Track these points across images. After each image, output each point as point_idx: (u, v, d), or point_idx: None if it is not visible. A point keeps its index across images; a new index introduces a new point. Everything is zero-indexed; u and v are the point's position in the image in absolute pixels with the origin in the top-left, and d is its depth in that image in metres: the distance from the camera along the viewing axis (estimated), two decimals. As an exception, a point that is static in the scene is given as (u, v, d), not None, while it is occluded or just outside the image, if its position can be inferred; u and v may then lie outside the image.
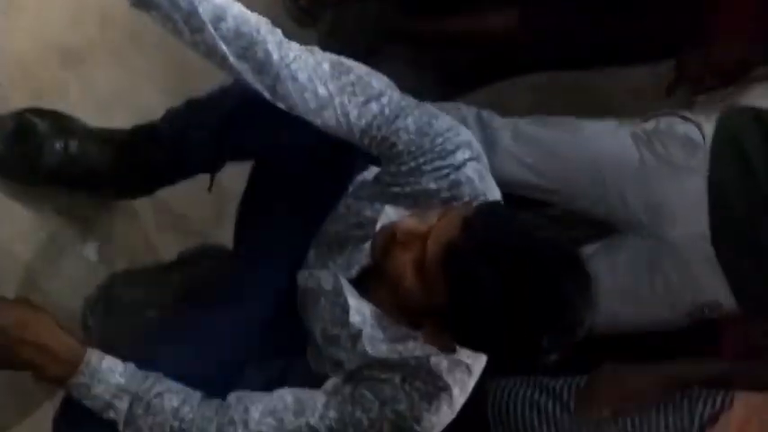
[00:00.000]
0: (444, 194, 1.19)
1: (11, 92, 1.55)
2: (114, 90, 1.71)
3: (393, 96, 1.21)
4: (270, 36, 1.18)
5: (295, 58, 1.19)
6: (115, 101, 1.70)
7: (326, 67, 1.20)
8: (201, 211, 1.75)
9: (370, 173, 1.34)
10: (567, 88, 2.30)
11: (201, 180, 1.52)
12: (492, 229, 1.07)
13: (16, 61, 1.57)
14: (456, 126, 1.21)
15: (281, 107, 1.21)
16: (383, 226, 1.19)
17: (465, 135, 1.21)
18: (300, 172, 1.32)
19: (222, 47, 1.16)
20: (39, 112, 1.52)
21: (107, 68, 1.71)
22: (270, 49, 1.17)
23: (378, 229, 1.20)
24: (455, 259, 1.06)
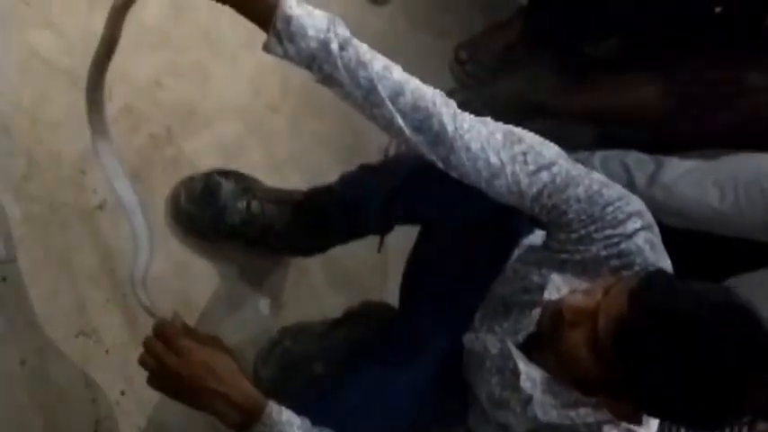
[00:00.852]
0: (614, 263, 1.19)
1: (199, 154, 1.67)
2: (290, 152, 1.81)
3: (564, 165, 1.22)
4: (445, 108, 1.20)
5: (469, 128, 1.21)
6: (291, 162, 1.80)
7: (499, 136, 1.22)
8: (368, 269, 1.81)
9: (536, 237, 1.37)
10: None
11: (370, 240, 1.59)
12: (659, 299, 1.07)
13: (204, 124, 1.70)
14: (627, 195, 1.21)
15: (453, 176, 1.24)
16: (548, 301, 1.21)
17: (636, 204, 1.21)
18: (468, 236, 1.36)
19: (399, 121, 1.19)
20: (224, 173, 1.63)
21: (285, 132, 1.82)
22: (445, 121, 1.19)
23: (544, 304, 1.22)
24: (627, 336, 1.06)
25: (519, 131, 1.24)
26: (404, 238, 1.53)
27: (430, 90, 1.21)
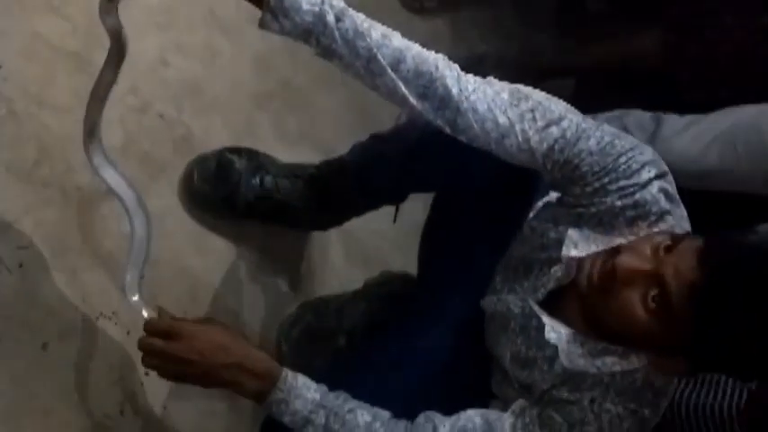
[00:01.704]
0: (630, 213, 1.18)
1: (210, 132, 1.66)
2: (302, 127, 1.81)
3: (573, 119, 1.21)
4: (448, 71, 1.20)
5: (474, 90, 1.20)
6: (303, 138, 1.80)
7: (505, 96, 1.21)
8: (385, 241, 1.81)
9: (551, 196, 1.35)
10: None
11: (386, 211, 1.58)
12: (733, 260, 1.07)
13: (212, 103, 1.69)
14: (639, 145, 1.20)
15: (462, 140, 1.23)
16: (569, 258, 1.20)
17: (649, 153, 1.20)
18: (482, 200, 1.35)
19: (402, 88, 1.18)
20: (236, 150, 1.63)
21: (295, 108, 1.81)
22: (449, 84, 1.19)
23: (565, 260, 1.21)
24: (706, 300, 1.06)
25: (525, 89, 1.23)
26: (421, 208, 1.52)
27: (431, 55, 1.20)
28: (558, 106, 1.23)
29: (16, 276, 1.41)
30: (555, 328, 1.21)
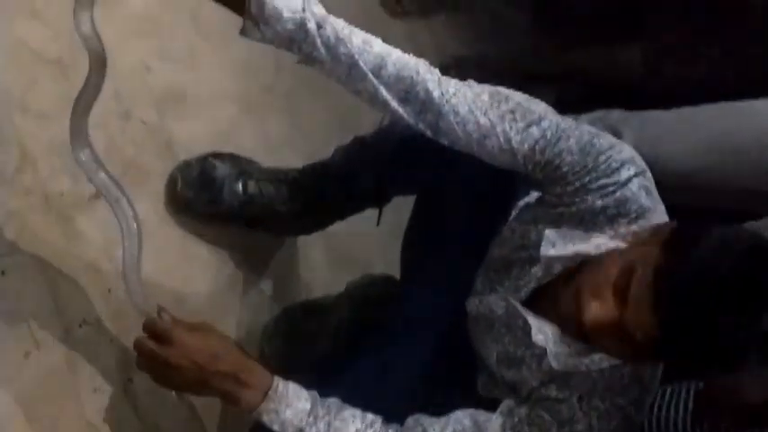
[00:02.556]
0: (611, 211, 1.19)
1: (194, 138, 1.66)
2: (285, 132, 1.81)
3: (553, 119, 1.22)
4: (429, 75, 1.21)
5: (455, 92, 1.21)
6: (286, 142, 1.80)
7: (485, 97, 1.22)
8: (369, 244, 1.81)
9: (531, 197, 1.36)
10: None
11: (369, 214, 1.59)
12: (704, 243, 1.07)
13: (195, 108, 1.68)
14: (618, 144, 1.22)
15: (443, 143, 1.24)
16: (549, 257, 1.21)
17: (628, 152, 1.21)
18: (464, 202, 1.36)
19: (384, 93, 1.19)
20: (219, 155, 1.63)
21: (279, 112, 1.81)
22: (430, 88, 1.20)
23: (544, 260, 1.22)
24: (666, 286, 1.06)
25: (505, 91, 1.25)
26: (405, 210, 1.53)
27: (412, 59, 1.21)
28: (539, 107, 1.24)
29: (-1, 283, 1.41)
30: (541, 329, 1.21)
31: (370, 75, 1.18)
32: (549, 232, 1.22)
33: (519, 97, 1.24)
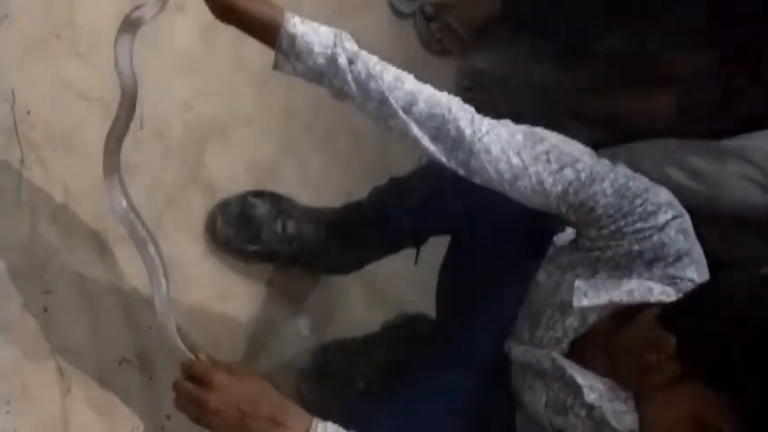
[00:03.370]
0: (648, 256, 1.17)
1: (233, 176, 1.68)
2: (324, 171, 1.82)
3: (588, 161, 1.21)
4: (462, 113, 1.20)
5: (487, 131, 1.20)
6: (325, 181, 1.81)
7: (520, 137, 1.21)
8: (405, 283, 1.80)
9: (566, 235, 1.35)
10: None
11: (406, 253, 1.58)
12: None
13: (235, 147, 1.71)
14: (654, 186, 1.20)
15: (476, 182, 1.23)
16: (584, 308, 1.20)
17: (665, 195, 1.19)
18: (499, 241, 1.35)
19: (415, 130, 1.19)
20: (259, 194, 1.65)
21: (317, 151, 1.83)
22: (462, 126, 1.19)
23: (580, 312, 1.21)
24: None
25: (540, 131, 1.24)
26: (442, 249, 1.52)
27: (445, 97, 1.21)
28: (574, 149, 1.22)
29: (40, 321, 1.42)
30: (593, 386, 1.18)
31: (400, 111, 1.18)
32: (579, 283, 1.21)
33: (555, 138, 1.23)
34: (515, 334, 1.35)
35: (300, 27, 1.15)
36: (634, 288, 1.17)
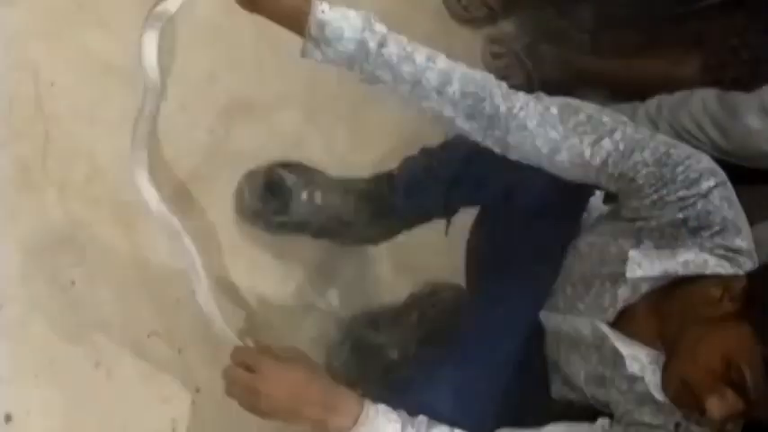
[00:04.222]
0: (692, 224, 1.14)
1: (260, 147, 1.66)
2: (352, 141, 1.80)
3: (626, 131, 1.18)
4: (496, 89, 1.18)
5: (522, 107, 1.18)
6: (353, 151, 1.79)
7: (555, 110, 1.19)
8: (435, 253, 1.78)
9: (597, 198, 1.33)
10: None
11: (435, 222, 1.56)
12: None
13: (261, 117, 1.68)
14: (696, 153, 1.17)
15: (512, 158, 1.21)
16: (637, 279, 1.18)
17: (707, 162, 1.16)
18: (533, 211, 1.32)
19: (449, 110, 1.17)
20: (286, 165, 1.62)
21: (345, 121, 1.80)
22: (497, 103, 1.17)
23: (632, 282, 1.19)
24: None
25: (575, 102, 1.21)
26: (470, 218, 1.50)
27: (478, 74, 1.18)
28: (611, 118, 1.19)
29: (68, 294, 1.42)
30: (636, 356, 1.16)
31: (433, 93, 1.16)
32: (633, 253, 1.18)
33: (590, 109, 1.20)
34: (552, 303, 1.33)
35: (329, 13, 1.12)
36: (690, 260, 1.14)
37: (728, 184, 1.17)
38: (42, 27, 1.45)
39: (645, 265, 1.17)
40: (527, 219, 1.33)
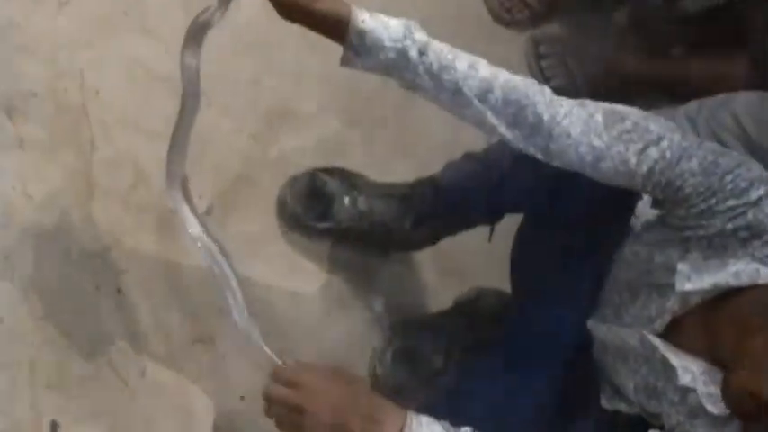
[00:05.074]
0: (742, 234, 1.11)
1: (303, 152, 1.66)
2: (394, 145, 1.79)
3: (674, 139, 1.15)
4: (539, 96, 1.16)
5: (566, 114, 1.16)
6: (395, 155, 1.78)
7: (599, 117, 1.16)
8: (479, 259, 1.76)
9: (644, 204, 1.30)
10: None
11: (479, 228, 1.54)
12: None
13: (303, 122, 1.68)
14: (746, 161, 1.14)
15: (556, 165, 1.19)
16: (686, 293, 1.16)
17: (756, 169, 1.13)
18: (579, 217, 1.30)
19: (491, 118, 1.15)
20: (328, 170, 1.62)
21: (387, 125, 1.79)
22: (539, 111, 1.15)
23: (681, 295, 1.16)
24: None
25: (621, 109, 1.18)
26: (515, 224, 1.47)
27: (521, 81, 1.16)
28: (657, 125, 1.17)
29: (114, 301, 1.43)
30: (687, 368, 1.14)
31: (475, 101, 1.14)
32: (681, 266, 1.16)
33: (636, 116, 1.18)
34: (601, 315, 1.31)
35: (370, 22, 1.11)
36: (741, 270, 1.11)
37: None
38: (88, 35, 1.46)
39: (694, 279, 1.14)
40: (572, 226, 1.31)
